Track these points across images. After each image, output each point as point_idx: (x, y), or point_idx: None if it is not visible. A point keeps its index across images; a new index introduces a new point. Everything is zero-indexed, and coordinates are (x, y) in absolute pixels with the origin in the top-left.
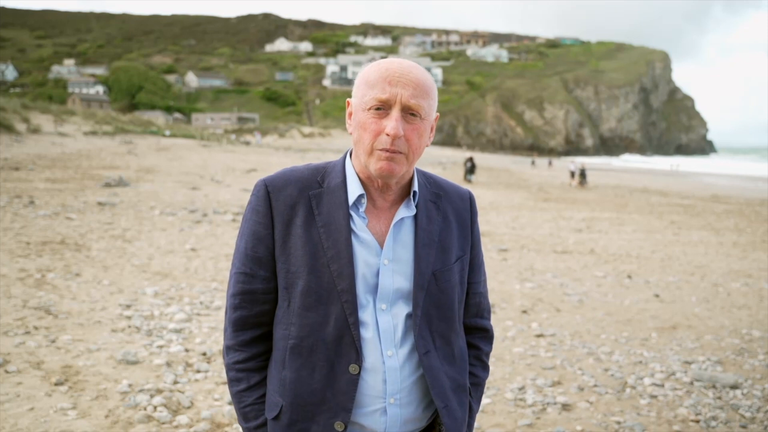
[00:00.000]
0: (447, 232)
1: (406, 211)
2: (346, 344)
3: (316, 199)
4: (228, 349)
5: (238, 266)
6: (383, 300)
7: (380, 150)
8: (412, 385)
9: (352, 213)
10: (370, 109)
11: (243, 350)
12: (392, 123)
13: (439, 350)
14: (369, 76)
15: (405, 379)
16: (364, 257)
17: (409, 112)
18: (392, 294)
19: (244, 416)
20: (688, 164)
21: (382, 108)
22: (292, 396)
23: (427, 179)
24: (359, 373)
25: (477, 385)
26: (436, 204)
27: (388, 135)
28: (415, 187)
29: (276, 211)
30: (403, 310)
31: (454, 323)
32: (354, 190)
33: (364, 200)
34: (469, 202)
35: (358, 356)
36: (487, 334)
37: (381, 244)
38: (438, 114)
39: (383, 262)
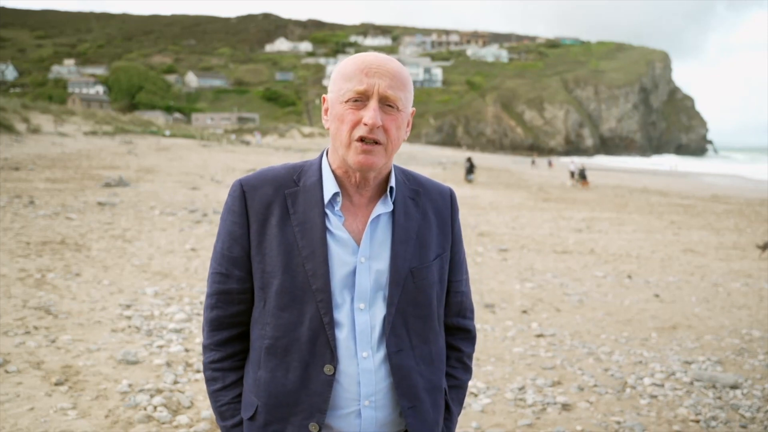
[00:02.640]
0: (426, 228)
1: (383, 208)
2: (321, 344)
3: (292, 197)
4: (205, 349)
5: (215, 266)
6: (361, 299)
7: (358, 141)
8: (389, 388)
9: (328, 211)
10: (348, 101)
11: (218, 350)
12: (370, 113)
13: (415, 349)
14: (345, 69)
15: (380, 381)
16: (340, 256)
17: (386, 103)
18: (370, 292)
19: (220, 415)
20: (687, 164)
21: (360, 99)
22: (267, 396)
23: (406, 176)
24: (334, 374)
25: (459, 388)
26: (414, 201)
27: (366, 125)
28: (392, 182)
29: (251, 210)
30: (382, 310)
31: (433, 322)
32: (329, 188)
33: (339, 198)
34: (450, 199)
35: (333, 357)
36: (469, 335)
37: (358, 242)
38: (414, 109)
39: (360, 260)
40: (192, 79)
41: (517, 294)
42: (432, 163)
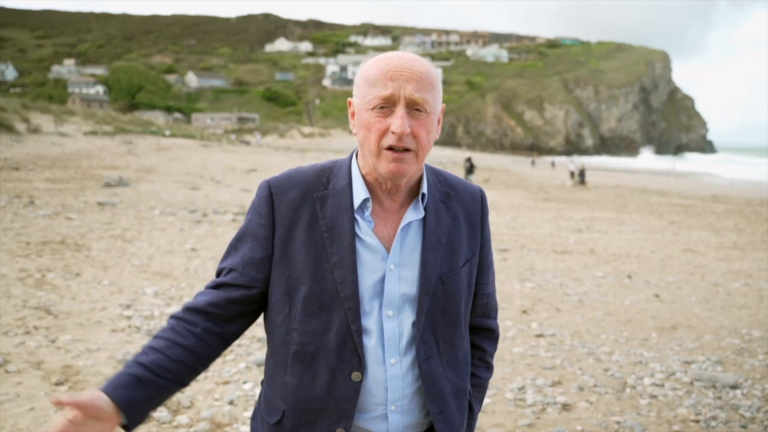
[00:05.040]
0: (456, 234)
1: (414, 214)
2: (349, 351)
3: (321, 201)
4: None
5: (230, 262)
6: (390, 306)
7: (387, 149)
8: (415, 393)
9: (357, 217)
10: (374, 108)
11: (180, 312)
12: (398, 121)
13: (443, 355)
14: (369, 74)
15: (407, 387)
16: (369, 263)
17: (414, 108)
18: (398, 300)
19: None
20: (687, 164)
21: (386, 106)
22: (294, 402)
23: (437, 177)
24: (361, 380)
25: (479, 386)
26: (446, 204)
27: (394, 133)
28: (424, 189)
29: (278, 214)
30: (410, 316)
31: (460, 327)
32: (359, 193)
33: (370, 204)
34: (481, 201)
35: (360, 364)
36: (492, 335)
37: (387, 249)
38: (444, 105)
39: (389, 267)
40: (192, 79)
41: (517, 294)
42: (432, 163)
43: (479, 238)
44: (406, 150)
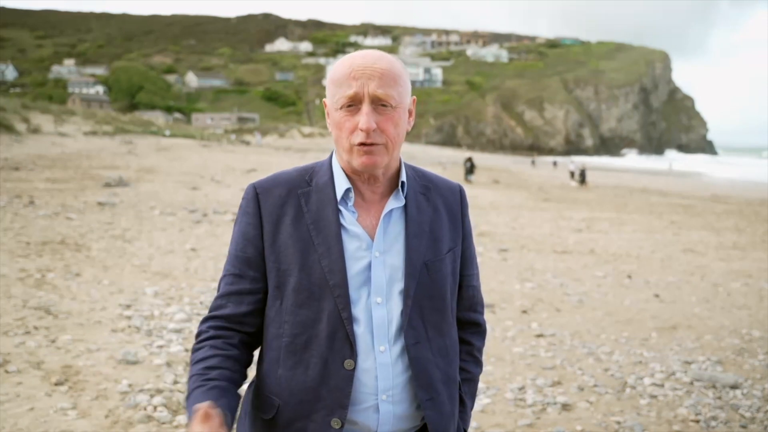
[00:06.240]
0: (438, 223)
1: (395, 203)
2: (340, 340)
3: (305, 197)
4: (197, 336)
5: (228, 269)
6: (378, 293)
7: (358, 145)
8: (406, 382)
9: (341, 208)
10: (341, 107)
11: (210, 330)
12: (363, 118)
13: (431, 341)
14: (335, 75)
15: (398, 375)
16: (355, 251)
17: (379, 103)
18: (386, 286)
19: (188, 385)
20: (688, 164)
21: (353, 104)
22: (288, 394)
23: (416, 172)
24: (354, 368)
25: (471, 381)
26: (425, 195)
27: (362, 130)
28: (403, 177)
29: (265, 211)
30: (398, 304)
31: (447, 315)
32: (341, 185)
33: (352, 194)
34: (460, 194)
35: (352, 351)
36: (479, 329)
37: (372, 237)
38: (414, 97)
39: (374, 254)
40: (192, 79)
41: (517, 294)
42: (432, 163)
43: (460, 229)
44: (375, 143)
